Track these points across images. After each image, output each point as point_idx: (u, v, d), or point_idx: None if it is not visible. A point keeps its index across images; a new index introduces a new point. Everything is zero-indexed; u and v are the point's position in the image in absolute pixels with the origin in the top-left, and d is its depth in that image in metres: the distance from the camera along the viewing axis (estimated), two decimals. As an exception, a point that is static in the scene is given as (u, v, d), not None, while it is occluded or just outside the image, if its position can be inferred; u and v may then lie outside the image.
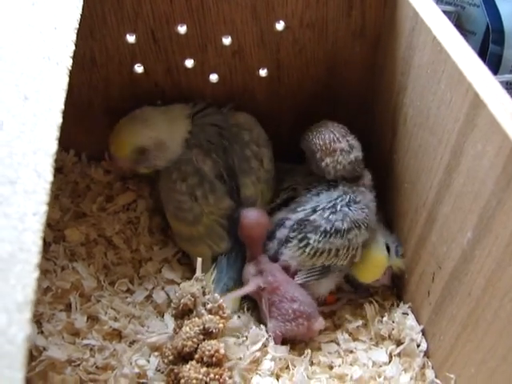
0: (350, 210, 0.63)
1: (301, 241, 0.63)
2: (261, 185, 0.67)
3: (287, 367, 0.59)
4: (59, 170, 0.74)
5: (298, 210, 0.64)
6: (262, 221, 0.64)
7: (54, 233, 0.67)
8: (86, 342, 0.58)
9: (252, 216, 0.64)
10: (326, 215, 0.62)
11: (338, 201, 0.63)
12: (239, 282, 0.65)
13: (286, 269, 0.63)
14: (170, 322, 0.62)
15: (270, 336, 0.61)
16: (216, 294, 0.58)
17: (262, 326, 0.63)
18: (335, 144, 0.63)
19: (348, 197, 0.64)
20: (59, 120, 0.37)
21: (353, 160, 0.64)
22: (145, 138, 0.65)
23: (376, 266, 0.66)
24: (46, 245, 0.66)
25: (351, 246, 0.63)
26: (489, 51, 0.79)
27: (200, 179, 0.66)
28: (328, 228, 0.62)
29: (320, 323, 0.61)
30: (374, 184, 0.67)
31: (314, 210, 0.63)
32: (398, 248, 0.66)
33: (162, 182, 0.69)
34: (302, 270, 0.63)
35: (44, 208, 0.31)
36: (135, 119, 0.66)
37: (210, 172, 0.66)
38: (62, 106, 0.38)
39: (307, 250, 0.62)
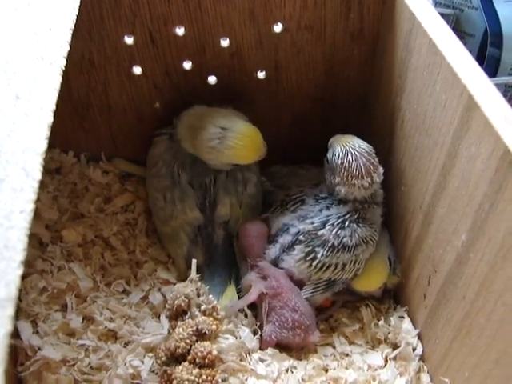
0: (358, 226, 0.62)
1: (308, 254, 0.62)
2: (242, 209, 0.67)
3: (282, 369, 0.59)
4: (58, 170, 0.74)
5: (306, 221, 0.63)
6: (262, 232, 0.65)
7: (51, 233, 0.68)
8: (81, 342, 0.58)
9: (251, 227, 0.65)
10: (334, 231, 0.62)
11: (346, 217, 0.62)
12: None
13: (290, 277, 0.63)
14: (165, 323, 0.61)
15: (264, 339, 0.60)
16: (210, 296, 0.57)
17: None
18: (357, 179, 0.61)
19: (357, 214, 0.63)
20: (50, 119, 0.37)
21: (367, 195, 0.63)
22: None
23: (377, 277, 0.65)
24: (43, 245, 0.66)
25: (358, 260, 0.63)
26: (487, 54, 0.79)
27: (172, 183, 0.66)
28: (336, 243, 0.61)
29: (316, 336, 0.61)
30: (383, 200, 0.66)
31: (323, 225, 0.62)
32: (396, 265, 0.66)
33: (148, 171, 0.70)
34: (308, 285, 0.63)
35: (31, 206, 0.31)
36: None
37: (184, 180, 0.66)
38: (54, 106, 0.38)
39: (314, 263, 0.62)
